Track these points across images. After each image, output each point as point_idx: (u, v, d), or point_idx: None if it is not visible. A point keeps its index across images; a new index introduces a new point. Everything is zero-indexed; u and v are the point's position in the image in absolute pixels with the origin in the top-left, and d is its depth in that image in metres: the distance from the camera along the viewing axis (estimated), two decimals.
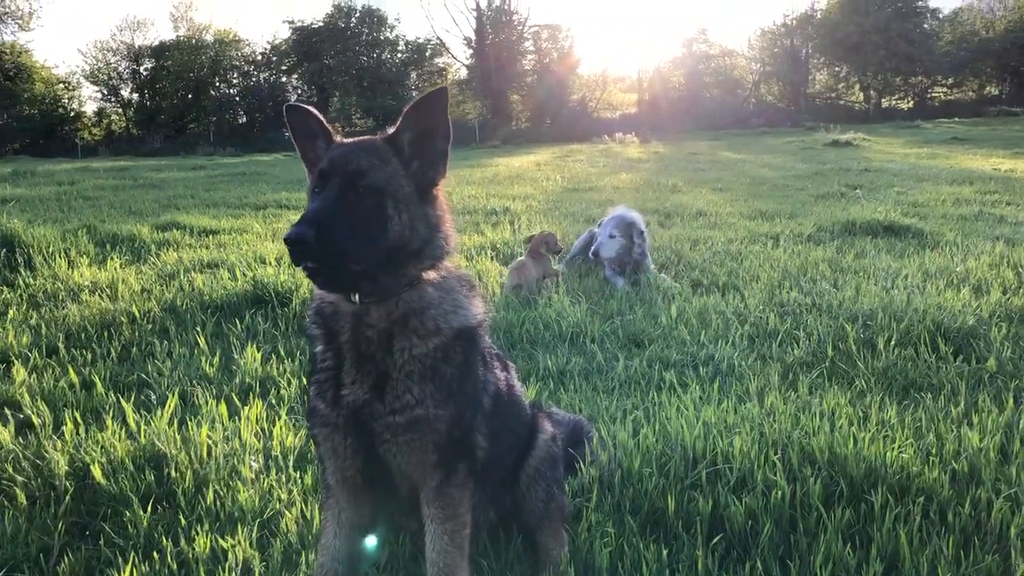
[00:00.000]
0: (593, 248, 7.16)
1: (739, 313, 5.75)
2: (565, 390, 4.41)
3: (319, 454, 2.49)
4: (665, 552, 2.76)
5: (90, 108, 67.48)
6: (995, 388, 4.29)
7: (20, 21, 62.66)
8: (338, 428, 2.34)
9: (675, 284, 6.83)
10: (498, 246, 8.54)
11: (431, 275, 2.35)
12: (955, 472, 3.31)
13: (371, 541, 2.66)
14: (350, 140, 2.36)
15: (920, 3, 68.64)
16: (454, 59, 69.80)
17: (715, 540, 2.85)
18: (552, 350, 5.05)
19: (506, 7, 65.76)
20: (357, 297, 2.25)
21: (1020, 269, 6.95)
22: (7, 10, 61.96)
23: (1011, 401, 3.97)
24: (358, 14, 66.13)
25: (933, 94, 72.01)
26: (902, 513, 2.97)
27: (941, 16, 71.80)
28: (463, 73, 69.51)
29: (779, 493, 3.06)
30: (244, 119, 67.75)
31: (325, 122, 2.38)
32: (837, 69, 72.63)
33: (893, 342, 4.90)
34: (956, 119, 54.63)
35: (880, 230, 9.23)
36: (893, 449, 3.37)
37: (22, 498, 3.20)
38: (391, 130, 2.32)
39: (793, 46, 71.37)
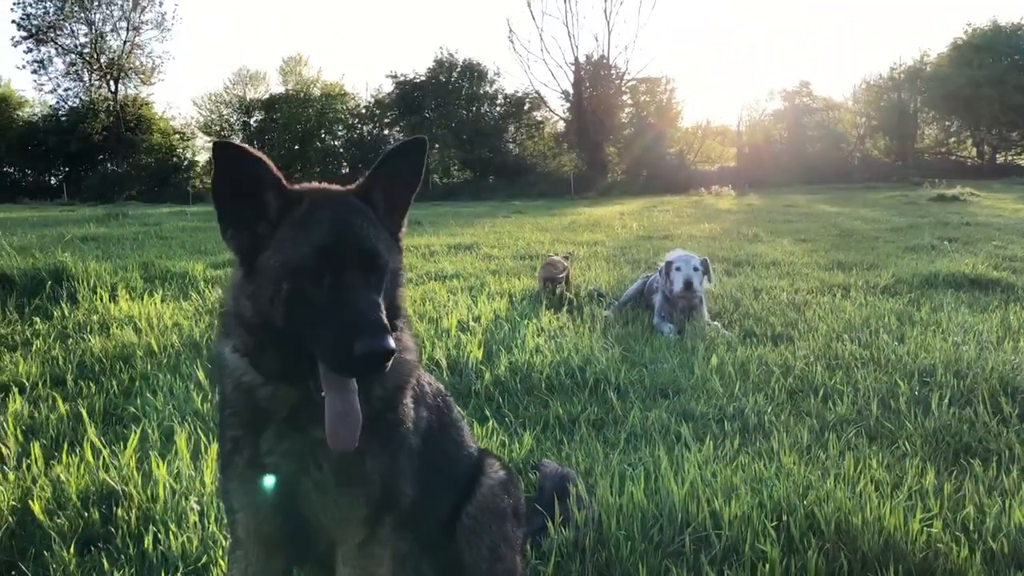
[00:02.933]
0: (684, 280, 6.75)
1: (785, 365, 5.28)
2: (570, 441, 4.05)
3: (229, 505, 2.19)
4: None
5: (203, 158, 70.64)
6: None
7: (142, 75, 66.52)
8: (257, 486, 2.04)
9: (726, 332, 6.38)
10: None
11: None
12: (992, 552, 2.81)
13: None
14: (326, 193, 1.99)
15: None
16: (552, 112, 70.23)
17: None
18: (569, 397, 4.70)
19: (604, 61, 66.06)
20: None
21: None
22: (132, 66, 65.89)
23: None
24: (459, 68, 67.45)
25: None
26: None
27: None
28: (560, 126, 69.88)
29: (767, 567, 2.63)
30: (347, 169, 69.60)
31: (274, 168, 1.92)
32: (947, 123, 69.92)
33: (948, 400, 4.36)
34: None
35: (965, 283, 8.52)
36: (916, 520, 2.89)
37: None
38: (359, 183, 2.03)
39: (901, 100, 69.16)
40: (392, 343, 1.73)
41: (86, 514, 3.13)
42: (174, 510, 3.15)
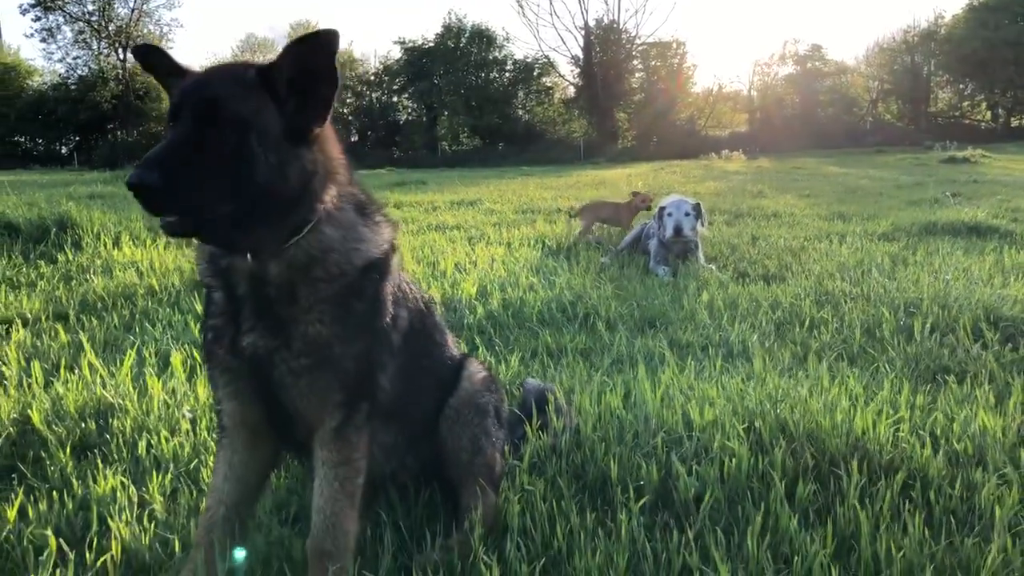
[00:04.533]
0: (674, 225, 6.85)
1: (774, 300, 5.35)
2: (556, 366, 4.14)
3: (217, 396, 2.30)
4: (592, 517, 2.48)
5: None
6: None
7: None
8: (239, 374, 2.16)
9: (720, 275, 6.45)
10: (547, 241, 8.31)
11: (326, 212, 2.11)
12: (956, 453, 2.90)
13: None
14: (211, 67, 2.08)
15: None
16: (561, 78, 69.79)
17: (641, 503, 2.55)
18: (558, 329, 4.79)
19: (615, 25, 65.55)
20: (249, 256, 2.04)
21: None
22: (141, 34, 65.67)
23: None
24: (468, 34, 66.95)
25: None
26: (879, 491, 2.60)
27: None
28: (570, 92, 69.45)
29: (734, 462, 2.73)
30: (356, 137, 69.38)
31: (172, 57, 2.07)
32: (962, 87, 69.18)
33: (930, 327, 4.43)
34: None
35: (963, 230, 8.56)
36: (883, 424, 2.98)
37: None
38: (266, 63, 2.04)
39: (914, 63, 68.42)
40: (139, 175, 1.76)
41: (83, 425, 3.25)
42: (167, 420, 3.27)
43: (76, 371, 3.79)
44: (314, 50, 1.95)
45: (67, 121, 62.39)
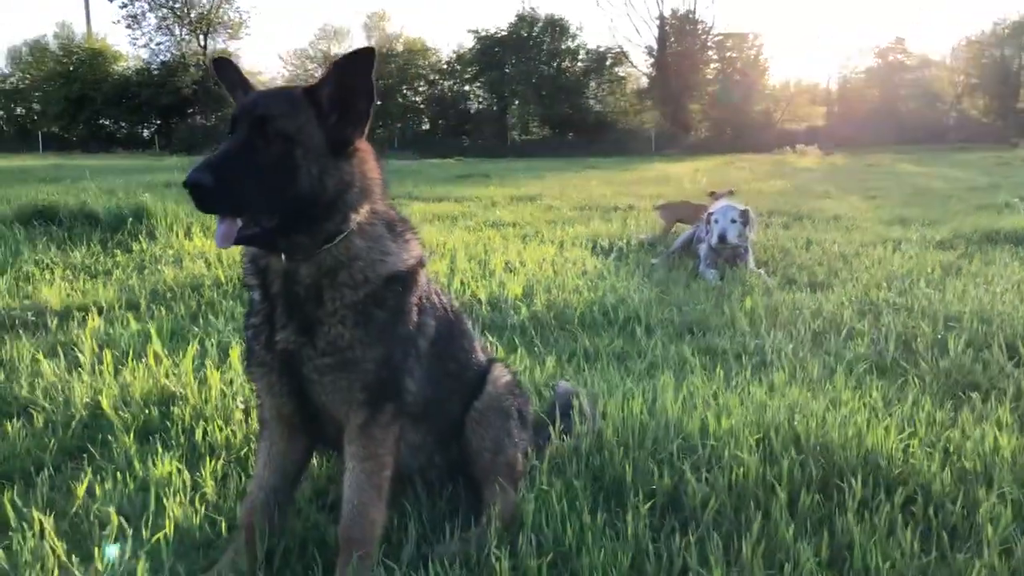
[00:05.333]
0: (719, 232, 6.97)
1: (817, 309, 5.42)
2: (591, 369, 4.31)
3: (256, 391, 2.57)
4: (602, 518, 2.66)
5: None
6: None
7: (231, 30, 67.90)
8: (273, 369, 2.40)
9: (768, 280, 6.52)
10: (599, 240, 8.45)
11: (357, 225, 2.34)
12: (965, 470, 2.99)
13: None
14: (269, 87, 2.39)
15: None
16: (634, 68, 69.28)
17: (648, 505, 2.72)
18: (598, 332, 4.95)
19: (691, 16, 64.83)
20: (283, 256, 2.29)
21: None
22: (221, 20, 67.29)
23: None
24: (541, 23, 66.82)
25: None
26: (879, 504, 2.71)
27: None
28: (643, 82, 68.91)
29: (741, 471, 2.87)
30: (427, 126, 69.94)
31: (242, 72, 2.39)
32: None
33: (964, 342, 4.47)
34: None
35: None
36: (891, 438, 3.08)
37: (39, 421, 3.48)
38: (313, 83, 2.32)
39: (1004, 57, 66.04)
40: (196, 176, 2.02)
41: (147, 411, 3.55)
42: (223, 410, 3.55)
43: (143, 360, 4.10)
44: (353, 68, 2.22)
45: (150, 105, 64.07)
